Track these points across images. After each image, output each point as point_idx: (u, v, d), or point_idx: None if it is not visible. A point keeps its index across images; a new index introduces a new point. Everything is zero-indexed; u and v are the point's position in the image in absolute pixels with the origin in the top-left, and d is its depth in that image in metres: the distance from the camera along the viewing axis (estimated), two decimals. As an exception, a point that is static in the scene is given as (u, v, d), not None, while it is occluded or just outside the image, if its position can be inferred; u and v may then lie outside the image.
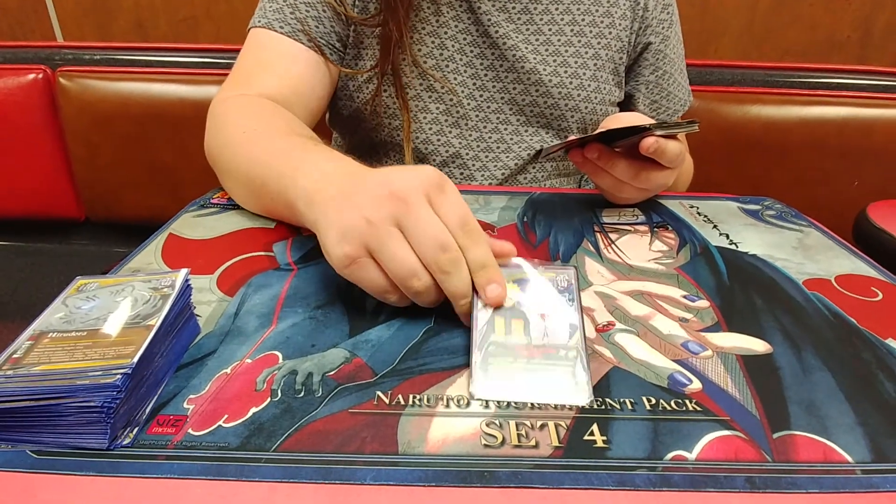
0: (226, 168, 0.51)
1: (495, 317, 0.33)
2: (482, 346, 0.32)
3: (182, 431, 0.26)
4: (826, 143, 0.99)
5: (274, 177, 0.43)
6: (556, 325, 0.33)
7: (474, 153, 0.65)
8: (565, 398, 0.29)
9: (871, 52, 1.16)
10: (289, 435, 0.26)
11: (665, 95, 0.69)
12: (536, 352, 0.31)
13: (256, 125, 0.50)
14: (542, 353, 0.31)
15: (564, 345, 0.32)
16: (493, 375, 0.30)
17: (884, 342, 0.35)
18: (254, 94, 0.55)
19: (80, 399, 0.25)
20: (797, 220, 0.53)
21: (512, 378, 0.30)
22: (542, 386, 0.30)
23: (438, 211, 0.32)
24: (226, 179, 0.53)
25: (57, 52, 1.07)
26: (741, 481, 0.24)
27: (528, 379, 0.30)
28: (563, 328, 0.33)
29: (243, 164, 0.48)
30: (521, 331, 0.33)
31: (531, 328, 0.33)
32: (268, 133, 0.48)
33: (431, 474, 0.24)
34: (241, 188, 0.50)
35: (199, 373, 0.30)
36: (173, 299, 0.30)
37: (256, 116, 0.52)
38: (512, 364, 0.31)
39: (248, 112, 0.53)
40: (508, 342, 0.32)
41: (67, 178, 1.12)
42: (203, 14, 1.22)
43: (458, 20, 0.61)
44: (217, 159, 0.53)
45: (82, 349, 0.26)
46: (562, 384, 0.30)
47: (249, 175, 0.47)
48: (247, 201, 0.50)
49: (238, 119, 0.52)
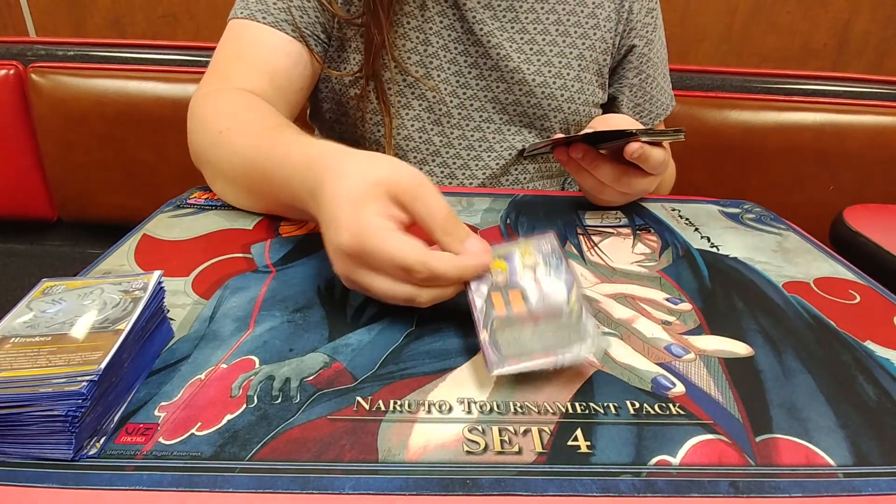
0: (214, 165, 0.50)
1: (492, 294, 0.33)
2: (487, 325, 0.32)
3: (152, 440, 0.25)
4: (803, 148, 1.01)
5: (263, 164, 0.43)
6: (551, 287, 0.33)
7: (455, 151, 0.64)
8: (581, 354, 0.29)
9: (847, 59, 1.18)
10: (265, 443, 0.26)
11: (648, 99, 0.70)
12: (540, 316, 0.31)
13: (239, 121, 0.49)
14: (546, 317, 0.31)
15: (565, 302, 0.32)
16: (505, 351, 0.30)
17: (862, 344, 0.35)
18: (233, 89, 0.54)
19: (44, 408, 0.23)
20: (776, 223, 0.54)
21: (524, 348, 0.30)
22: (555, 348, 0.30)
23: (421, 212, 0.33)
24: (214, 179, 0.52)
25: (29, 47, 1.04)
26: (725, 486, 0.24)
27: (541, 345, 0.30)
28: (560, 288, 0.33)
29: (231, 159, 0.47)
30: (520, 301, 0.33)
31: (529, 295, 0.33)
32: (251, 127, 0.48)
33: (412, 482, 0.24)
34: (229, 183, 0.49)
35: (171, 379, 0.29)
36: (145, 302, 0.29)
37: (238, 112, 0.51)
38: (520, 334, 0.31)
39: (229, 108, 0.52)
40: (511, 314, 0.32)
41: (39, 178, 1.09)
42: (183, 11, 1.20)
43: (444, 16, 0.60)
44: (204, 158, 0.51)
45: (46, 355, 0.25)
46: (574, 341, 0.30)
47: (239, 168, 0.46)
48: (235, 195, 0.50)
49: (220, 116, 0.51)
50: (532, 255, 0.35)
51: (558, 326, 0.31)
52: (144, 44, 1.05)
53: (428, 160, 0.64)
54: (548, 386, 0.30)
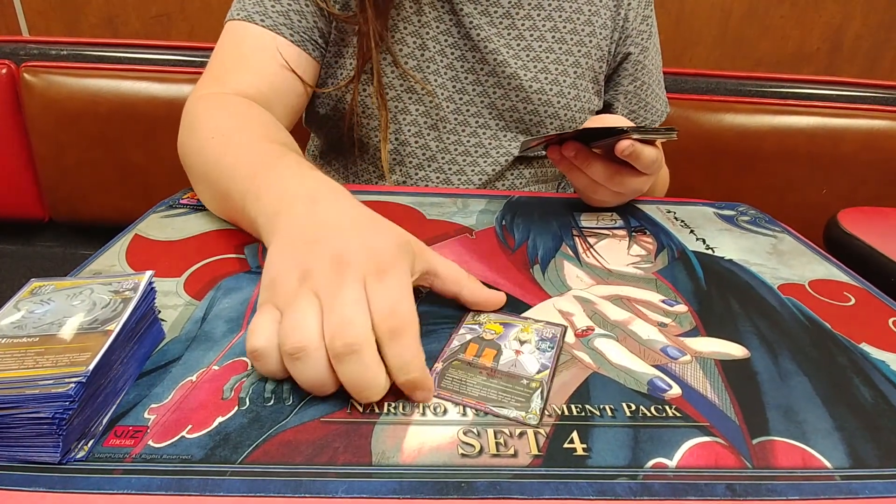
0: (196, 172, 0.49)
1: (471, 342, 0.33)
2: (447, 360, 0.31)
3: (141, 443, 0.25)
4: (796, 151, 1.01)
5: (239, 190, 0.41)
6: (526, 361, 0.32)
7: (451, 157, 0.64)
8: (511, 416, 0.28)
9: (840, 63, 1.19)
10: (257, 446, 0.25)
11: (643, 106, 0.70)
12: (498, 375, 0.30)
13: (228, 129, 0.47)
14: (502, 377, 0.30)
15: (530, 376, 0.30)
16: (442, 384, 0.29)
17: (857, 346, 0.35)
18: (230, 92, 0.54)
19: (30, 410, 0.23)
20: (771, 225, 0.54)
21: (462, 389, 0.29)
22: (490, 403, 0.28)
23: (369, 296, 0.28)
24: (196, 183, 0.51)
25: (22, 46, 1.03)
26: (721, 489, 0.24)
27: (479, 394, 0.29)
28: (534, 365, 0.31)
29: (213, 171, 0.45)
30: (490, 358, 0.32)
31: (501, 357, 0.32)
32: (238, 140, 0.46)
33: (407, 486, 0.24)
34: (209, 193, 0.48)
35: (162, 381, 0.29)
36: (135, 303, 0.29)
37: (229, 119, 0.50)
38: (468, 379, 0.30)
39: (221, 114, 0.50)
40: (474, 362, 0.31)
41: (31, 178, 1.08)
42: (177, 11, 1.19)
43: (441, 21, 0.60)
44: (188, 162, 0.51)
45: (33, 356, 0.25)
46: (512, 405, 0.28)
47: (219, 183, 0.44)
48: (215, 207, 0.49)
49: (210, 122, 0.50)
50: (530, 334, 0.34)
51: (507, 388, 0.30)
52: (138, 43, 1.05)
53: (424, 165, 0.64)
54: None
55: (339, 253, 0.29)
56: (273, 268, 0.30)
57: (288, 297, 0.28)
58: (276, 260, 0.31)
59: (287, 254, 0.31)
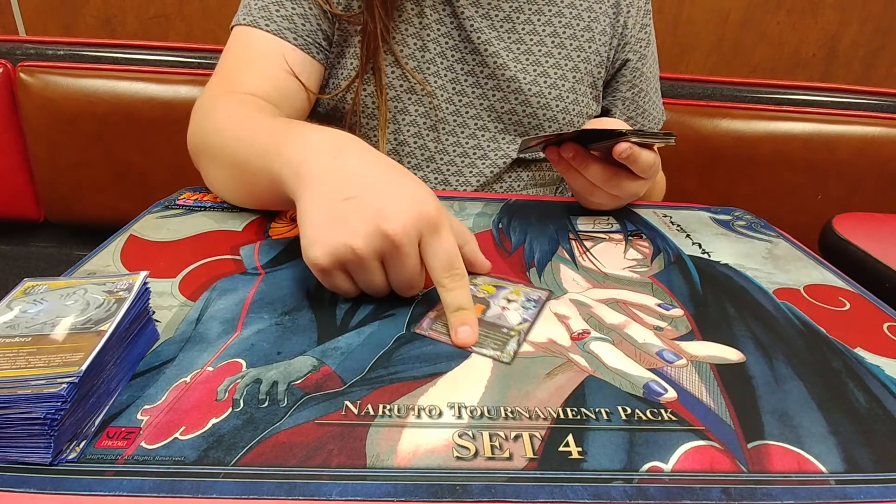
0: (210, 154, 0.50)
1: None
2: (440, 310, 0.35)
3: (134, 445, 0.25)
4: (792, 157, 1.02)
5: (258, 152, 0.42)
6: (511, 315, 0.36)
7: (450, 158, 0.64)
8: (488, 355, 0.32)
9: (836, 69, 1.20)
10: (250, 448, 0.25)
11: (640, 113, 0.71)
12: (485, 324, 0.35)
13: (244, 113, 0.49)
14: (487, 324, 0.35)
15: (510, 326, 0.35)
16: (437, 328, 0.34)
17: (852, 351, 0.35)
18: (240, 93, 0.54)
19: (22, 410, 0.23)
20: (766, 230, 0.54)
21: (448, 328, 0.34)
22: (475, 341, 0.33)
23: (426, 253, 0.34)
24: (209, 167, 0.51)
25: (18, 46, 1.03)
26: (717, 493, 0.24)
27: None
28: (516, 318, 0.36)
29: (230, 144, 0.47)
30: (479, 311, 0.36)
31: (488, 312, 0.36)
32: (256, 118, 0.48)
33: (401, 489, 0.23)
34: (224, 172, 0.49)
35: (155, 381, 0.29)
36: (129, 303, 0.29)
37: (244, 107, 0.51)
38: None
39: (235, 104, 0.52)
40: None
41: (26, 178, 1.08)
42: (175, 12, 1.19)
43: (441, 24, 0.61)
44: (205, 143, 0.51)
45: (25, 356, 0.24)
46: (490, 346, 0.33)
47: (235, 155, 0.46)
48: (230, 187, 0.49)
49: (226, 108, 0.51)
50: (518, 296, 0.38)
51: (489, 334, 0.34)
52: (135, 44, 1.04)
53: (422, 165, 0.64)
54: (539, 391, 0.29)
55: (386, 229, 0.33)
56: (312, 229, 0.34)
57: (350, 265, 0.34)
58: (313, 217, 0.34)
59: (333, 226, 0.34)
